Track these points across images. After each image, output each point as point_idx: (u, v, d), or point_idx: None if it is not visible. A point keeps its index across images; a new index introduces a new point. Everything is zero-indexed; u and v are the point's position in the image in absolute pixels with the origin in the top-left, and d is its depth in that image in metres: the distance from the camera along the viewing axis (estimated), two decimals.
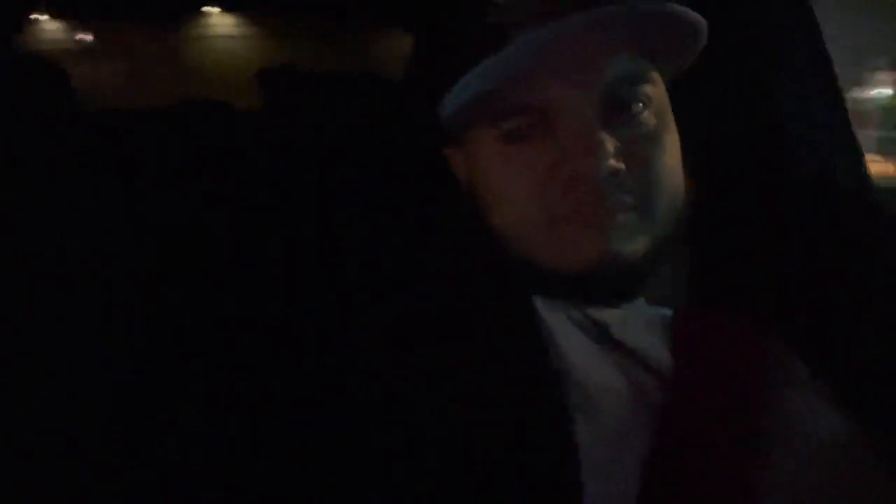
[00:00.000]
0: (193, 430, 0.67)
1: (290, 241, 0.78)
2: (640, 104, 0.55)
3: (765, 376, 0.54)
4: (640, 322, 0.57)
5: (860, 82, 2.78)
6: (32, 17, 1.19)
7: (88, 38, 1.33)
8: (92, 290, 0.72)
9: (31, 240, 0.72)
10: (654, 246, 0.56)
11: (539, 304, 0.59)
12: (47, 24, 1.29)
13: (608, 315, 0.58)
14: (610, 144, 0.52)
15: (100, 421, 0.68)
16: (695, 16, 0.54)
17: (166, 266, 0.76)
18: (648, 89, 0.56)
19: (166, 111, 0.92)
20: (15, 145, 0.76)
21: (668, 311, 0.58)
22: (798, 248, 0.62)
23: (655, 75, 0.57)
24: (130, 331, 0.72)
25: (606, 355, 0.56)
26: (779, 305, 0.58)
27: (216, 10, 1.40)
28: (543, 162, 0.55)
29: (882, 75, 2.85)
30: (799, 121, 0.80)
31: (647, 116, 0.56)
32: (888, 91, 2.85)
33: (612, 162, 0.52)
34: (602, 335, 0.58)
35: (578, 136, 0.53)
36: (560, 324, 0.58)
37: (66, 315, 0.71)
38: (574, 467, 0.50)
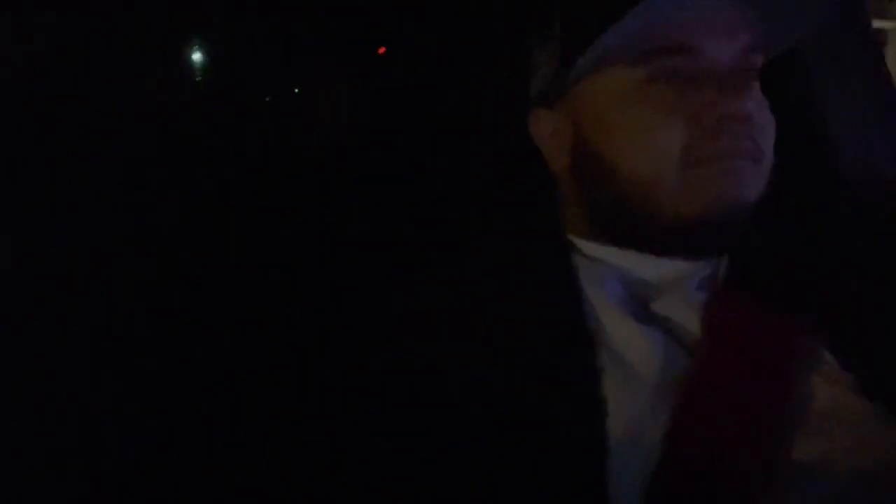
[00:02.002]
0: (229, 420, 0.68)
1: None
2: (757, 72, 0.59)
3: (792, 365, 0.55)
4: (684, 293, 0.59)
5: None
6: None
7: None
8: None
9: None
10: (757, 202, 0.58)
11: (580, 272, 0.61)
12: None
13: (657, 280, 0.60)
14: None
15: (100, 420, 0.70)
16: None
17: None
18: (761, 62, 0.59)
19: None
20: None
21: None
22: (838, 244, 0.63)
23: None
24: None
25: (642, 326, 0.58)
26: (814, 298, 0.58)
27: None
28: (692, 102, 0.56)
29: None
30: (845, 118, 0.79)
31: (758, 86, 0.59)
32: None
33: (757, 107, 0.56)
34: (641, 307, 0.59)
35: (730, 80, 0.56)
36: (599, 291, 0.60)
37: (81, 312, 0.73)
38: (600, 430, 0.52)
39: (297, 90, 0.98)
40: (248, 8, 0.94)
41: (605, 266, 0.62)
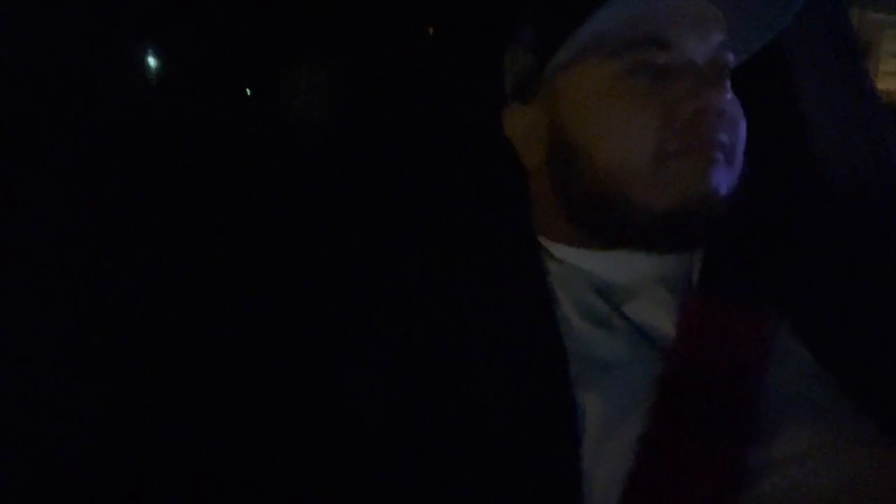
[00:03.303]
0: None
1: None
2: (729, 70, 0.59)
3: (765, 364, 0.55)
4: (656, 295, 0.59)
5: None
6: None
7: None
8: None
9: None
10: (730, 196, 0.58)
11: (552, 276, 0.61)
12: None
13: (629, 282, 0.60)
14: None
15: (98, 420, 0.70)
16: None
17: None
18: (733, 60, 0.60)
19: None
20: None
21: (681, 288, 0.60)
22: (812, 242, 0.63)
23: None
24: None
25: (614, 330, 0.58)
26: (787, 296, 0.59)
27: None
28: (667, 95, 0.57)
29: None
30: (823, 116, 0.79)
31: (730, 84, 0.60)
32: None
33: (730, 103, 0.57)
34: (613, 310, 0.59)
35: (704, 75, 0.56)
36: (570, 296, 0.60)
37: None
38: (573, 434, 0.52)
39: (276, 86, 0.97)
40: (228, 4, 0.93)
41: (576, 270, 0.62)
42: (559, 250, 0.63)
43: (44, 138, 0.76)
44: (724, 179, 0.57)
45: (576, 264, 0.62)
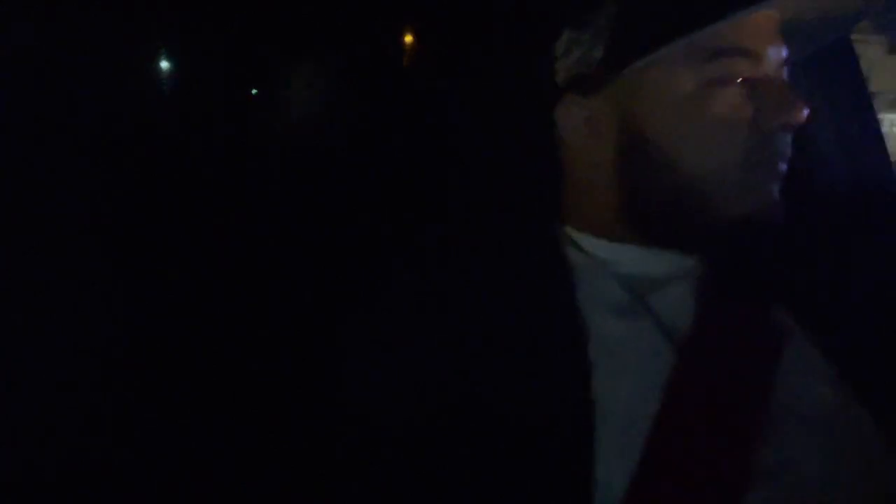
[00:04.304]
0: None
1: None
2: None
3: (778, 364, 0.56)
4: (679, 289, 0.60)
5: None
6: None
7: None
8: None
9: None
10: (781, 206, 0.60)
11: (575, 267, 0.61)
12: None
13: (654, 274, 0.61)
14: None
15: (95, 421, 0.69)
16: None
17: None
18: None
19: None
20: None
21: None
22: (827, 247, 0.65)
23: None
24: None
25: (634, 322, 0.58)
26: (802, 298, 0.60)
27: None
28: (757, 107, 0.57)
29: None
30: (828, 123, 0.81)
31: None
32: None
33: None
34: (635, 301, 0.59)
35: (786, 88, 0.58)
36: (592, 287, 0.60)
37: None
38: (588, 423, 0.52)
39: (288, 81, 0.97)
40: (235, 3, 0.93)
41: (601, 261, 0.62)
42: (586, 241, 0.63)
43: (44, 138, 0.76)
44: (780, 188, 0.60)
45: (601, 255, 0.62)
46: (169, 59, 0.98)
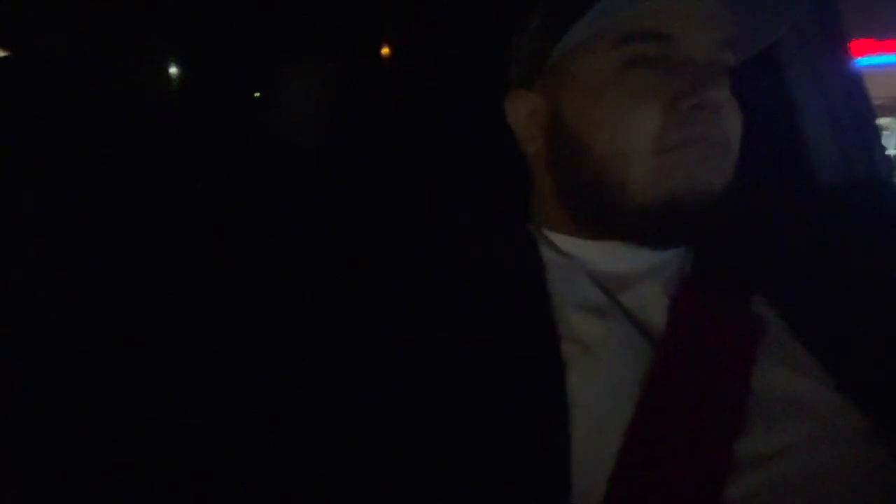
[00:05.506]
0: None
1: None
2: (728, 68, 0.60)
3: (755, 356, 0.56)
4: (651, 286, 0.60)
5: None
6: None
7: None
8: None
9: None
10: (724, 191, 0.59)
11: (548, 265, 0.61)
12: None
13: (625, 272, 0.61)
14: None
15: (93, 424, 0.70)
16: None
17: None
18: (732, 60, 0.60)
19: None
20: None
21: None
22: (806, 238, 0.64)
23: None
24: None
25: (608, 319, 0.58)
26: (780, 290, 0.60)
27: None
28: (667, 89, 0.57)
29: None
30: (815, 115, 0.80)
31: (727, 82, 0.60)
32: None
33: (727, 101, 0.58)
34: (608, 299, 0.60)
35: (706, 70, 0.57)
36: (566, 285, 0.60)
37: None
38: (563, 421, 0.52)
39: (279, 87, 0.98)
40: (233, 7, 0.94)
41: (573, 259, 0.62)
42: (559, 240, 0.64)
43: (45, 138, 0.77)
44: (718, 174, 0.58)
45: (574, 254, 0.63)
46: (173, 62, 0.99)
